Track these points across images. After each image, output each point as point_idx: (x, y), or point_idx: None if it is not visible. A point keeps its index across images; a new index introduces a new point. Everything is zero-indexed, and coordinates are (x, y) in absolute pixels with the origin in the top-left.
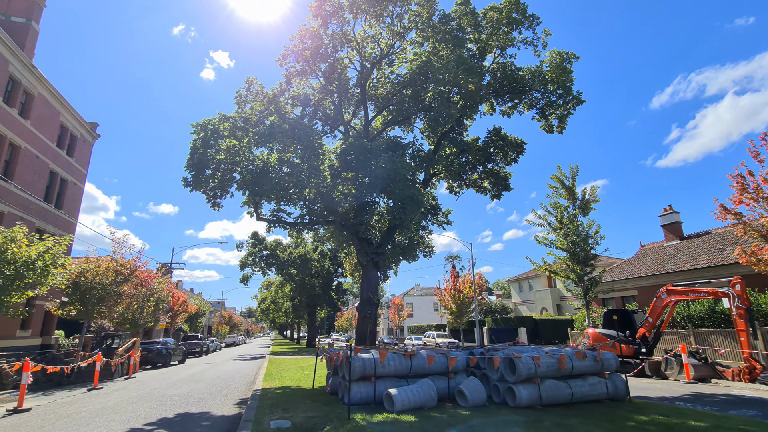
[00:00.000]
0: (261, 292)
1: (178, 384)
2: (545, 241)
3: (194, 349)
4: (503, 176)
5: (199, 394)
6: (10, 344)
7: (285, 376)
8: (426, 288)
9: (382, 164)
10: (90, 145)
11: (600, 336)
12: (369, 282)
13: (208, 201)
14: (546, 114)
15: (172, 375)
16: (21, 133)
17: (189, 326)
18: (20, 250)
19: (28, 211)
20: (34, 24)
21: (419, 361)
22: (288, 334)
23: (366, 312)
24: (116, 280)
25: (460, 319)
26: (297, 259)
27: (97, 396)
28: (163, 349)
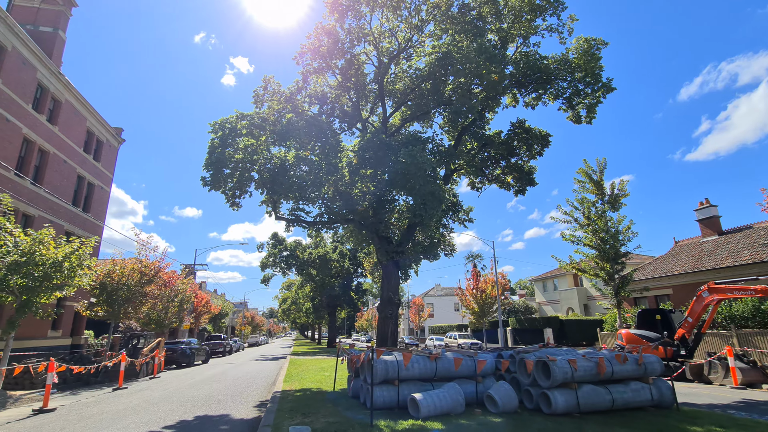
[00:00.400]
0: (282, 292)
1: (199, 384)
2: (572, 239)
3: (218, 349)
4: (527, 171)
5: (220, 395)
6: (42, 344)
7: (305, 377)
8: (446, 288)
9: (401, 159)
10: (115, 150)
11: (635, 337)
12: (389, 281)
13: (227, 201)
14: (573, 104)
15: (195, 375)
16: (49, 139)
17: (213, 326)
18: (48, 251)
19: (58, 214)
20: (61, 33)
21: (445, 364)
22: (309, 334)
23: (387, 312)
24: (141, 281)
25: (483, 320)
26: (316, 259)
27: (121, 396)
28: (187, 349)
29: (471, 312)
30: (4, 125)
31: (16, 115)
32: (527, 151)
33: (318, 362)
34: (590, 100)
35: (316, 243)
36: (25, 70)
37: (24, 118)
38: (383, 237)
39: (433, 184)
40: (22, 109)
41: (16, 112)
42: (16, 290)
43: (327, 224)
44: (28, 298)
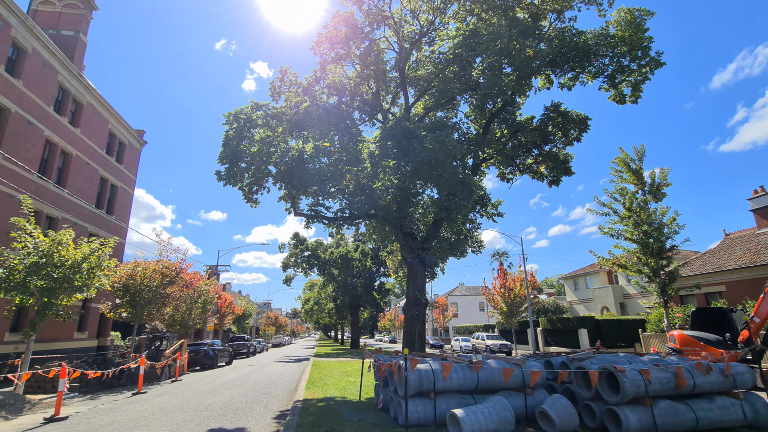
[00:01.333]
0: (304, 293)
1: (219, 389)
2: (611, 232)
3: (241, 350)
4: (563, 159)
5: (239, 402)
6: (68, 346)
7: (329, 383)
8: (471, 287)
9: (427, 145)
10: (138, 152)
11: (691, 339)
12: (415, 280)
13: (244, 198)
14: (616, 82)
15: (216, 378)
16: (72, 141)
17: (237, 327)
18: (67, 252)
19: (81, 216)
20: (82, 36)
21: (488, 374)
22: (332, 334)
23: (413, 312)
24: (163, 282)
25: (511, 320)
26: (338, 258)
27: (138, 402)
28: (210, 351)
29: (499, 312)
30: (26, 128)
31: (38, 117)
32: (563, 137)
33: (341, 365)
34: (636, 76)
35: (337, 242)
36: (46, 73)
37: (46, 121)
38: (407, 233)
39: (463, 172)
40: (44, 112)
41: (38, 114)
42: (36, 292)
43: (348, 220)
44: (48, 300)
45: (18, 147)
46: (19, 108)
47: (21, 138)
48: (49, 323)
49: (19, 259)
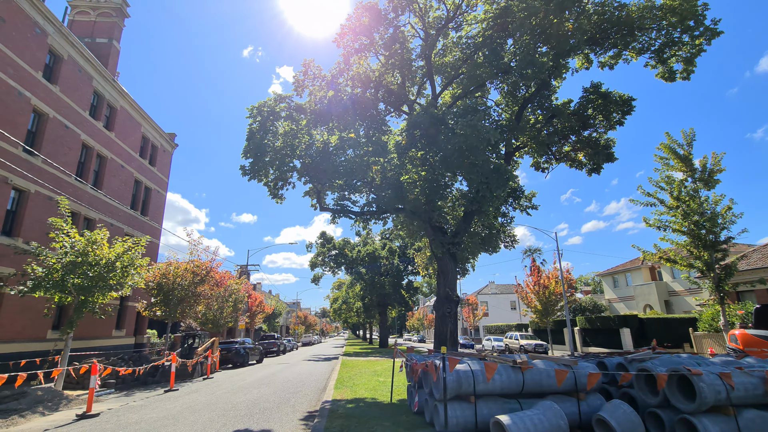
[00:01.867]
0: (333, 292)
1: (248, 388)
2: (657, 224)
3: (272, 348)
4: (604, 144)
5: (266, 402)
6: (106, 343)
7: (358, 383)
8: (501, 285)
9: (458, 131)
10: (170, 154)
11: (756, 339)
12: (446, 276)
13: (269, 194)
14: (665, 57)
15: (246, 376)
16: (107, 144)
17: (267, 326)
18: (101, 251)
19: (117, 218)
20: (115, 43)
21: (535, 376)
22: (361, 333)
23: (444, 310)
24: (194, 281)
25: (546, 319)
26: (365, 257)
27: (168, 400)
28: (240, 349)
29: (533, 311)
30: (63, 132)
31: (74, 122)
32: (604, 121)
33: (371, 364)
34: (688, 50)
35: (364, 241)
36: (81, 79)
37: (82, 125)
38: (437, 227)
39: (496, 160)
40: (80, 117)
41: (74, 119)
42: (73, 290)
43: (375, 214)
44: (85, 298)
45: (56, 151)
46: (56, 113)
47: (59, 142)
48: (88, 321)
49: (56, 258)
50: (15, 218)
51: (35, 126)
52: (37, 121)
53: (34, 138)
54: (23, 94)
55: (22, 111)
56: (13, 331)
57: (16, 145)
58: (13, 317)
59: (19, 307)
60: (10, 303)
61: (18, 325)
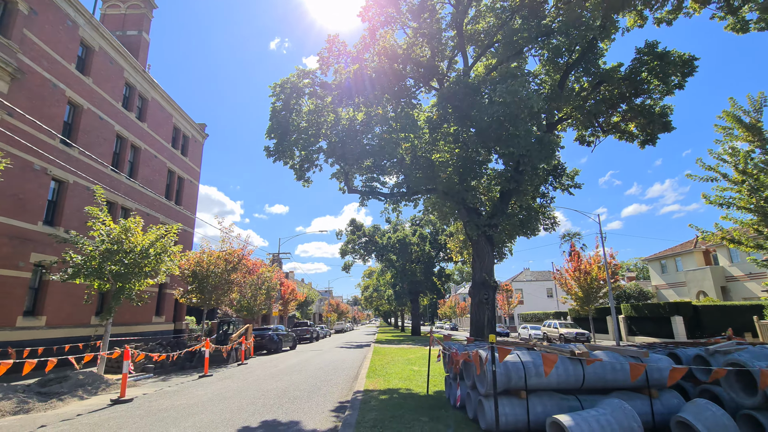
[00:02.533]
0: (363, 280)
1: (280, 375)
2: (719, 201)
3: (305, 335)
4: (660, 112)
5: (296, 390)
6: (147, 329)
7: (391, 372)
8: (536, 272)
9: (497, 98)
10: (200, 145)
11: None
12: (482, 260)
13: (296, 176)
14: (735, 7)
15: (278, 363)
16: (140, 135)
17: (300, 313)
18: (135, 239)
19: (153, 207)
20: (144, 34)
21: (597, 370)
22: (392, 321)
23: (482, 296)
24: (226, 268)
25: (587, 306)
26: (396, 243)
27: (201, 385)
28: (274, 336)
29: (574, 298)
30: (98, 123)
31: (108, 113)
32: (660, 85)
33: (403, 352)
34: None
35: (394, 227)
36: (112, 70)
37: (116, 116)
38: (471, 208)
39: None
40: (113, 108)
41: (108, 110)
42: (110, 277)
43: (406, 196)
44: (122, 285)
45: (92, 142)
46: (90, 104)
47: (94, 133)
48: (129, 308)
49: (93, 246)
50: (56, 208)
51: (71, 117)
52: (72, 112)
53: (71, 129)
54: (57, 86)
55: (58, 103)
56: (59, 317)
57: (53, 137)
58: (60, 304)
59: (64, 294)
60: (56, 290)
61: (64, 311)
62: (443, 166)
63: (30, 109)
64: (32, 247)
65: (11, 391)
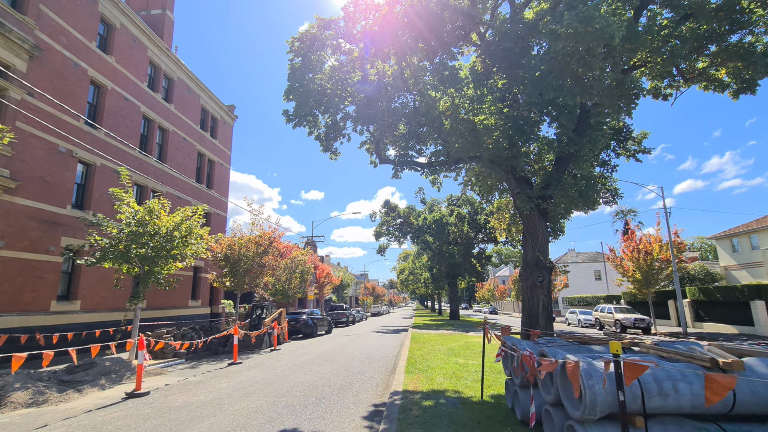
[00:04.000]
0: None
1: (310, 364)
2: None
3: (341, 319)
4: (764, 51)
5: (326, 386)
6: (184, 313)
7: (433, 366)
8: (582, 254)
9: (563, 30)
10: (230, 127)
11: None
12: (534, 238)
13: (322, 147)
14: None
15: (311, 349)
16: (167, 117)
17: (337, 297)
18: (160, 221)
19: (184, 190)
20: (168, 13)
21: (757, 388)
22: (428, 304)
23: (535, 279)
24: (258, 251)
25: (647, 290)
26: (432, 224)
27: (226, 376)
28: (309, 320)
29: (630, 280)
30: (123, 104)
31: (133, 94)
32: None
33: (444, 339)
34: None
35: (429, 208)
36: (136, 49)
37: (141, 97)
38: (521, 178)
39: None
40: (138, 88)
41: (133, 90)
42: (137, 261)
43: (446, 165)
44: (149, 269)
45: (118, 123)
46: (114, 84)
47: (119, 114)
48: (165, 292)
49: (119, 229)
50: (84, 192)
51: (95, 99)
52: (96, 93)
53: (95, 111)
54: (79, 65)
55: (80, 82)
56: (94, 301)
57: (77, 118)
58: (94, 288)
59: (99, 278)
60: (90, 275)
61: (98, 295)
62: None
63: (51, 89)
64: (62, 231)
65: (34, 379)
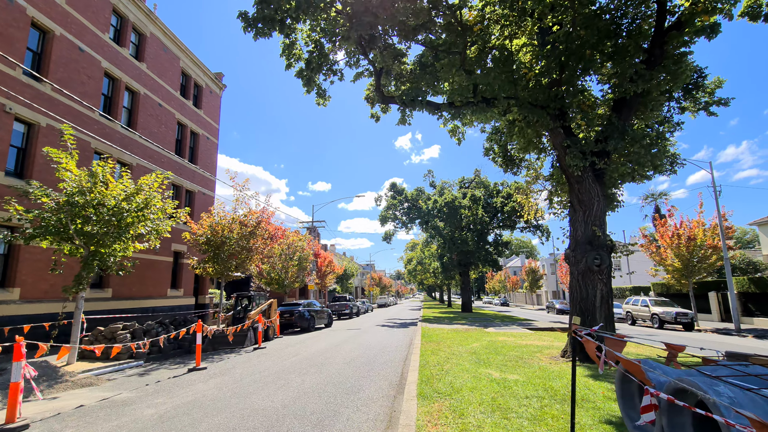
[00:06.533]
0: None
1: (291, 373)
2: None
3: (343, 310)
4: None
5: (298, 417)
6: (162, 303)
7: (458, 384)
8: None
9: None
10: (218, 97)
11: None
12: (587, 207)
13: (305, 86)
14: None
15: (302, 348)
16: (138, 78)
17: (341, 287)
18: (106, 190)
19: (160, 164)
20: None
21: None
22: (436, 296)
23: (590, 261)
24: (243, 233)
25: (686, 280)
26: (443, 207)
27: (169, 392)
28: (305, 312)
29: (669, 269)
30: (77, 56)
31: (91, 45)
32: None
33: (461, 337)
34: None
35: (440, 191)
36: None
37: (102, 50)
38: (570, 130)
39: None
40: (98, 39)
41: (90, 41)
42: (77, 238)
43: (470, 108)
44: (95, 249)
45: (71, 78)
46: (64, 30)
47: (73, 68)
48: (139, 280)
49: (48, 198)
50: (25, 157)
51: (39, 46)
52: (41, 40)
53: (39, 60)
54: (15, 1)
55: (17, 23)
56: (39, 289)
57: (12, 66)
58: (39, 274)
59: (45, 262)
60: (33, 257)
61: (46, 282)
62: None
63: None
64: None
65: None
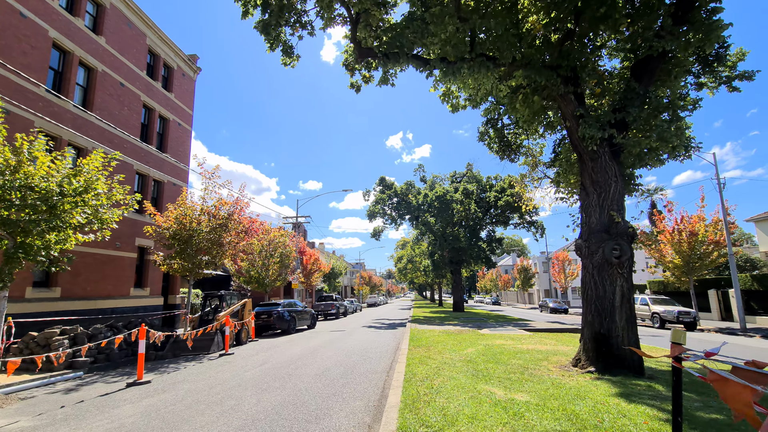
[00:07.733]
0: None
1: (250, 388)
2: None
3: (330, 310)
4: None
5: None
6: (125, 304)
7: (452, 410)
8: None
9: None
10: (191, 81)
11: None
12: (604, 189)
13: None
14: None
15: (273, 355)
16: (94, 53)
17: (328, 286)
18: (34, 170)
19: (122, 149)
20: None
21: None
22: (427, 294)
23: (607, 252)
24: (212, 225)
25: (687, 278)
26: (434, 201)
27: (82, 418)
28: (284, 313)
29: (667, 267)
30: (16, 21)
31: (34, 10)
32: None
33: (454, 341)
34: None
35: (431, 185)
36: None
37: (49, 18)
38: (582, 96)
39: None
40: (44, 5)
41: (35, 6)
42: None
43: (469, 63)
44: (22, 240)
45: (9, 47)
46: None
47: (11, 35)
48: (97, 277)
49: None
50: None
51: None
52: None
53: None
54: None
55: None
56: None
57: None
58: None
59: None
60: None
61: None
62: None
63: None
64: None
65: None
